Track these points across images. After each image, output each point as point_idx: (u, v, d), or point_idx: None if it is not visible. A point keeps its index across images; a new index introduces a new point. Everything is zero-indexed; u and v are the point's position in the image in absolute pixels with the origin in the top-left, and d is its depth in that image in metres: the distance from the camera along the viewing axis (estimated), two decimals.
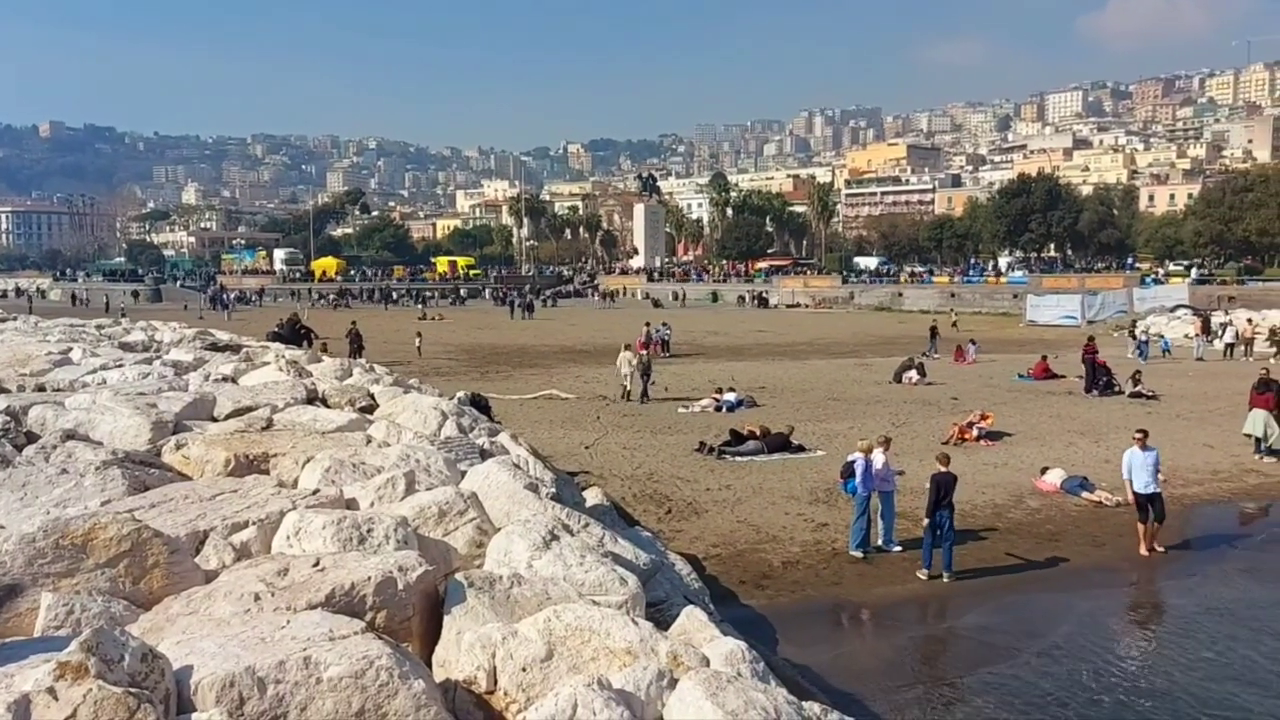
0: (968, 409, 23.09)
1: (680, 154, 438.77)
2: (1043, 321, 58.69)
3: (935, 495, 12.64)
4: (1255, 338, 40.21)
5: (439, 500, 7.20)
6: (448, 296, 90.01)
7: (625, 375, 26.63)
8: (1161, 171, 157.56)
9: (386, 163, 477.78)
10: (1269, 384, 20.11)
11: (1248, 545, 14.83)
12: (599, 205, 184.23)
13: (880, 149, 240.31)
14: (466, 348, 43.39)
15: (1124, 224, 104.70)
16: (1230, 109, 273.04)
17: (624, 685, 4.39)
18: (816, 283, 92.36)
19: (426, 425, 11.62)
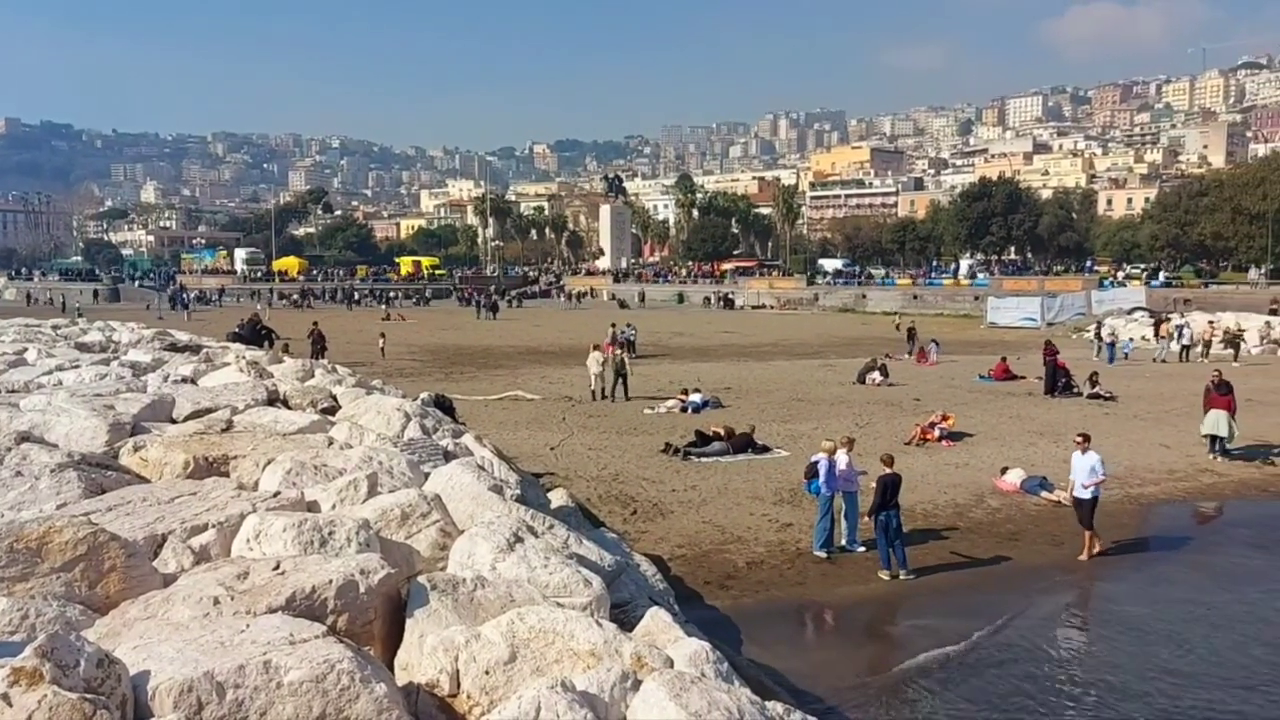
0: (930, 410, 23.30)
1: (646, 155, 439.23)
2: (1003, 323, 59.36)
3: (881, 496, 12.77)
4: (1214, 339, 40.84)
5: (402, 502, 7.15)
6: (412, 297, 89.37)
7: (595, 375, 26.74)
8: (1119, 176, 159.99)
9: (350, 162, 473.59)
10: (1229, 385, 20.47)
11: (1203, 544, 15.08)
12: (565, 206, 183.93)
13: (844, 152, 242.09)
14: (431, 348, 43.13)
15: (1083, 227, 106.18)
16: (1186, 115, 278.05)
17: (588, 687, 4.39)
18: (781, 284, 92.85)
19: (389, 427, 11.55)
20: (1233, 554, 14.42)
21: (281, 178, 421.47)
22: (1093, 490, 13.67)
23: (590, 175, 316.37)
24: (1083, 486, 13.74)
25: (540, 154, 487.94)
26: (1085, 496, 13.70)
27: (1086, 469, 13.77)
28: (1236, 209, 79.87)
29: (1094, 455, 13.89)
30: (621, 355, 28.74)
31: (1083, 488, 13.74)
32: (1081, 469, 13.84)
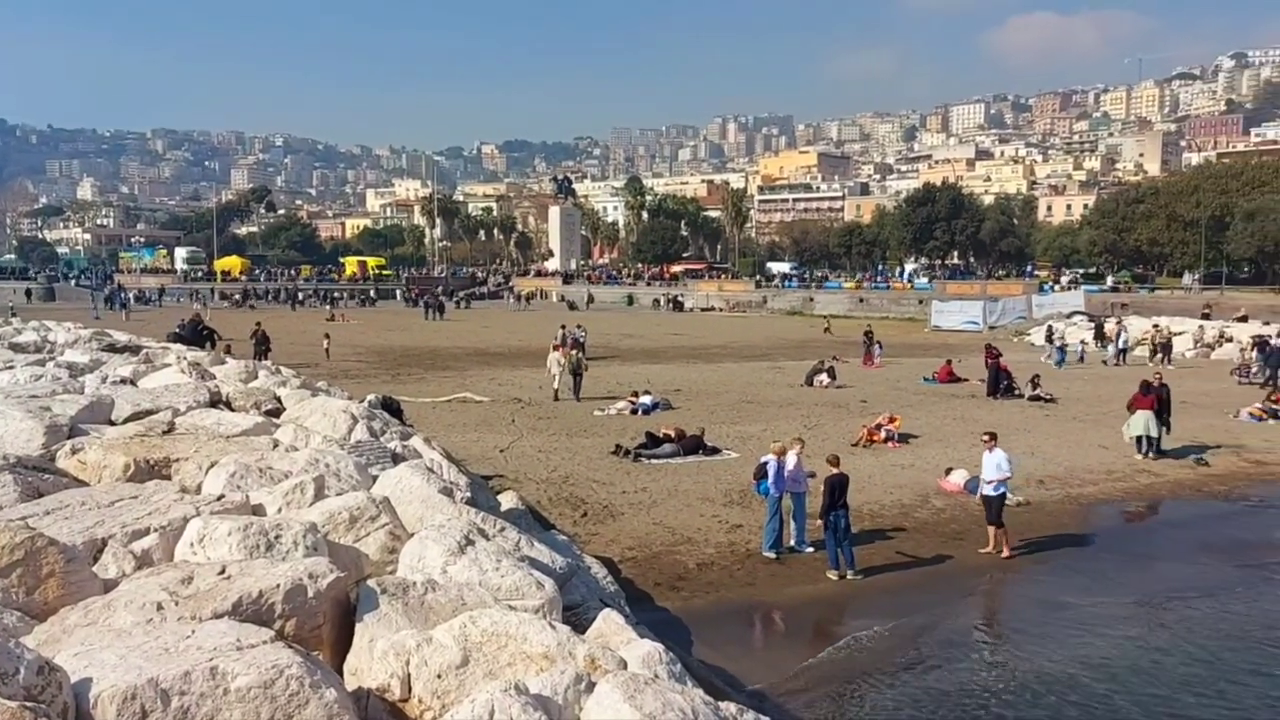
0: (876, 412, 23.58)
1: (596, 157, 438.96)
2: (947, 326, 60.31)
3: (830, 497, 12.91)
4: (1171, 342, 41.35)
5: (350, 505, 7.06)
6: (357, 297, 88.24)
7: (554, 375, 26.99)
8: (1059, 182, 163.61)
9: (294, 160, 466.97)
10: (1151, 386, 21.07)
11: (1140, 543, 15.46)
12: (514, 207, 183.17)
13: (792, 156, 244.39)
14: (377, 350, 42.65)
15: (1023, 233, 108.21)
16: (1123, 124, 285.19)
17: (541, 690, 4.37)
18: (730, 287, 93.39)
19: (336, 429, 11.39)
20: (1169, 553, 14.79)
21: (223, 176, 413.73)
22: (997, 487, 13.88)
23: (539, 176, 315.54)
24: (988, 484, 13.96)
25: (489, 154, 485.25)
26: (992, 494, 13.91)
27: (993, 467, 13.98)
28: (1171, 216, 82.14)
29: (1000, 454, 14.11)
30: (578, 355, 28.78)
31: (988, 485, 13.95)
32: (989, 467, 14.04)
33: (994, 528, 13.94)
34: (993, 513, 13.94)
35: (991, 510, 13.95)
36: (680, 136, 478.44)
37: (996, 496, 13.92)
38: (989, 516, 13.99)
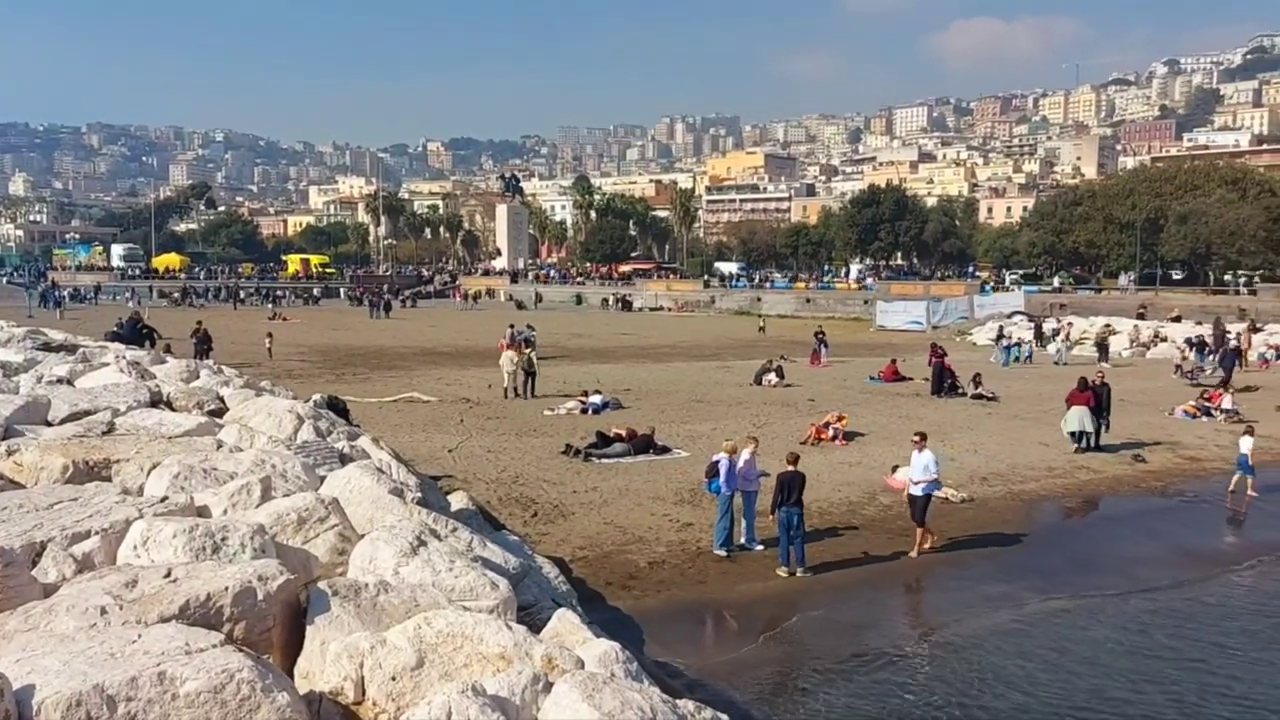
0: (824, 410, 23.82)
1: (543, 156, 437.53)
2: (891, 326, 61.12)
3: (779, 494, 13.05)
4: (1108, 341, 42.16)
5: (298, 506, 6.93)
6: (300, 296, 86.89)
7: (507, 374, 27.26)
8: (999, 185, 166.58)
9: (234, 156, 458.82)
10: (1087, 383, 21.60)
11: (1080, 538, 15.81)
12: (460, 205, 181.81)
13: (739, 157, 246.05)
14: (321, 349, 42.03)
15: (965, 234, 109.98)
16: (1061, 127, 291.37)
17: (499, 691, 4.33)
18: (679, 286, 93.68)
19: (281, 429, 11.19)
20: (1107, 548, 15.13)
21: (161, 171, 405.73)
22: (924, 488, 13.92)
23: (486, 174, 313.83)
24: (915, 484, 14.00)
25: (434, 151, 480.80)
26: (918, 494, 13.96)
27: (921, 467, 14.01)
28: (1108, 218, 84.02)
29: (929, 454, 14.14)
30: (530, 354, 28.86)
31: (915, 485, 13.99)
32: (917, 467, 14.08)
33: (920, 528, 13.97)
34: (918, 513, 13.97)
35: (917, 510, 13.98)
36: (628, 136, 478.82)
37: (923, 497, 13.96)
38: (914, 516, 14.02)
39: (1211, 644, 11.18)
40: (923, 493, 13.95)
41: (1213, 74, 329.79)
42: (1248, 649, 11.07)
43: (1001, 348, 40.59)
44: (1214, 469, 20.01)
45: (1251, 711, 9.47)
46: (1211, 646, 11.11)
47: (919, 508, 13.99)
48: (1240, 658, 10.79)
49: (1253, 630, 11.74)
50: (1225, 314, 52.13)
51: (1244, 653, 10.94)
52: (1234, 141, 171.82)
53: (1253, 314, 52.46)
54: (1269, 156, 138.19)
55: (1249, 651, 10.99)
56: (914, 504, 14.07)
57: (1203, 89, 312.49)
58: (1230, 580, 13.77)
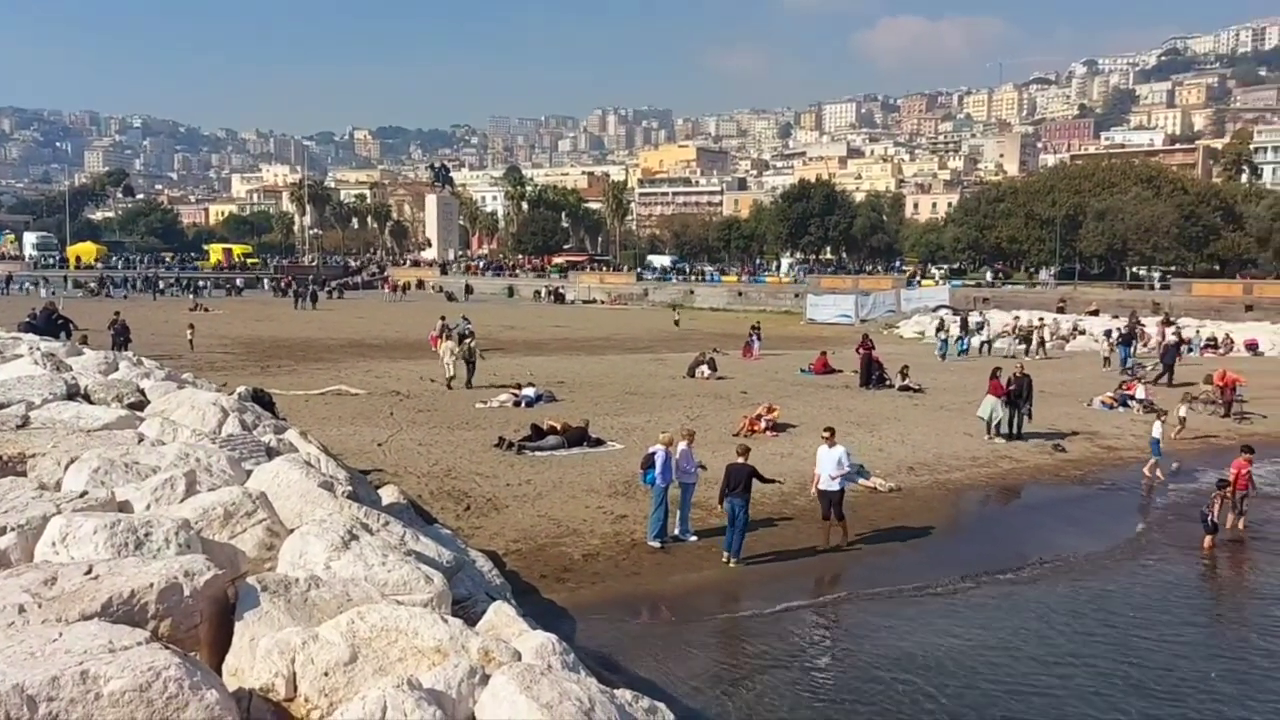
0: (756, 402, 24.03)
1: (474, 146, 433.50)
2: (821, 319, 61.89)
3: (724, 484, 13.17)
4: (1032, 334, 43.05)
5: (224, 501, 6.78)
6: (222, 286, 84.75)
7: (448, 364, 27.52)
8: (925, 181, 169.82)
9: (153, 142, 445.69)
10: (999, 373, 22.23)
11: (1004, 526, 16.21)
12: (388, 194, 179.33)
13: (672, 150, 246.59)
14: (245, 340, 41.07)
15: (892, 229, 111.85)
16: (985, 125, 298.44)
17: (435, 684, 4.28)
18: (612, 279, 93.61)
19: (205, 422, 10.93)
20: (1030, 535, 15.57)
21: (76, 158, 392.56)
22: (839, 482, 13.96)
23: (415, 164, 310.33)
24: (830, 478, 13.95)
25: (362, 140, 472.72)
26: (833, 488, 13.96)
27: (834, 461, 13.99)
28: (1029, 214, 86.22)
29: (840, 449, 14.19)
30: (471, 344, 28.97)
31: (830, 479, 13.95)
32: (829, 461, 14.00)
33: (828, 521, 13.99)
34: (831, 507, 13.95)
35: (829, 504, 13.95)
36: (560, 127, 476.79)
37: (837, 491, 13.99)
38: (825, 511, 13.98)
39: (1128, 623, 11.57)
40: (838, 487, 13.97)
41: (1129, 75, 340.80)
42: (1160, 627, 11.48)
43: (941, 340, 41.17)
44: (1130, 458, 20.70)
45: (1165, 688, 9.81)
46: (1129, 625, 11.49)
47: (833, 501, 13.94)
48: (1153, 634, 11.18)
49: (1162, 609, 12.18)
50: (1140, 308, 54.01)
51: (1157, 630, 11.34)
52: (1149, 141, 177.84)
53: (1166, 308, 54.41)
54: (1181, 156, 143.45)
55: (1161, 628, 11.40)
56: (824, 498, 13.97)
57: (1119, 89, 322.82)
58: (1142, 564, 14.25)
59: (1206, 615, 12.74)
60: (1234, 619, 12.65)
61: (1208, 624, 12.31)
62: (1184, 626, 11.75)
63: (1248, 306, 54.59)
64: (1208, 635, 11.74)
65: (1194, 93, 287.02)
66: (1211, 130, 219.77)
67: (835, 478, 13.97)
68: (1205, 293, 59.21)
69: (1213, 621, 12.52)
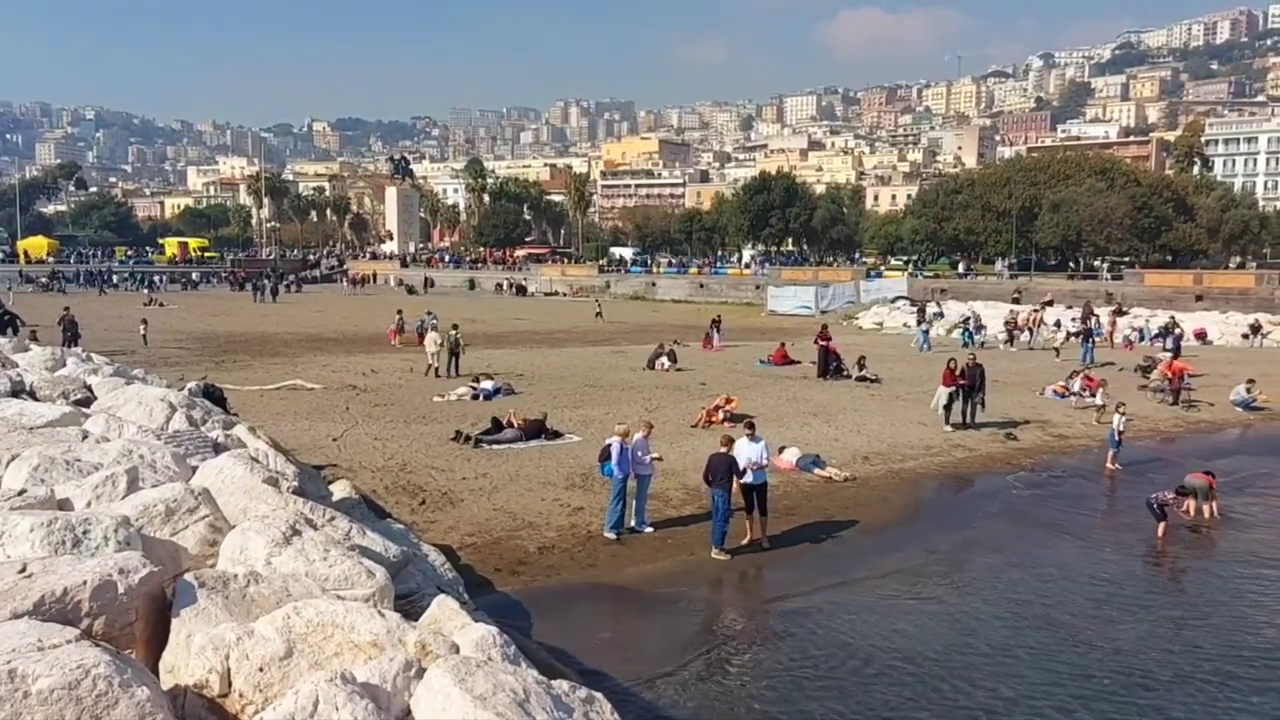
0: (715, 393, 24.14)
1: (435, 138, 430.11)
2: (782, 311, 62.18)
3: (706, 474, 13.35)
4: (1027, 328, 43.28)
5: (166, 497, 6.72)
6: (178, 281, 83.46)
7: (433, 354, 28.77)
8: (885, 173, 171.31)
9: (107, 135, 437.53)
10: (953, 363, 22.56)
11: (956, 514, 16.42)
12: (348, 187, 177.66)
13: (634, 142, 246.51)
14: (200, 335, 40.54)
15: (852, 221, 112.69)
16: (944, 118, 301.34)
17: (369, 678, 4.28)
18: (574, 271, 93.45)
19: (152, 418, 10.80)
20: (982, 523, 15.79)
21: (28, 150, 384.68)
22: (755, 475, 13.74)
23: (375, 156, 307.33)
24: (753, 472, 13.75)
25: (320, 132, 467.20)
26: (756, 482, 13.79)
27: (756, 454, 13.84)
28: (986, 206, 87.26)
29: (761, 443, 14.09)
30: (455, 335, 29.74)
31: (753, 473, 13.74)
32: (751, 455, 13.81)
33: (749, 517, 13.83)
34: (755, 501, 13.81)
35: (751, 499, 13.79)
36: (522, 119, 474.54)
37: (760, 485, 13.85)
38: (747, 505, 13.80)
39: (1080, 609, 11.80)
40: (761, 480, 13.84)
41: (1084, 68, 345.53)
42: (1111, 611, 11.72)
43: (921, 331, 41.33)
44: (1079, 446, 21.10)
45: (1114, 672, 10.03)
46: (1081, 611, 11.72)
47: (756, 495, 13.77)
48: (1105, 618, 11.42)
49: (1107, 594, 12.43)
50: (1094, 298, 54.86)
51: (1108, 614, 11.58)
52: (1104, 133, 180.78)
53: (1119, 298, 55.33)
54: (1135, 148, 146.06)
55: (1111, 612, 11.64)
56: (749, 492, 13.75)
57: (1075, 82, 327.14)
58: (1092, 551, 14.53)
59: (1151, 598, 12.99)
60: (1183, 602, 12.92)
61: (1153, 606, 12.56)
62: (1130, 606, 11.99)
63: (1198, 296, 55.65)
64: (1152, 616, 11.98)
65: (1147, 86, 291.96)
66: (1165, 123, 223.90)
67: (758, 468, 13.74)
68: (1157, 283, 60.23)
69: (1162, 604, 12.77)
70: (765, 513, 13.90)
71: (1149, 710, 9.16)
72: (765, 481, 14.05)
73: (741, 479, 13.56)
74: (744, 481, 13.68)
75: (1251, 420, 24.83)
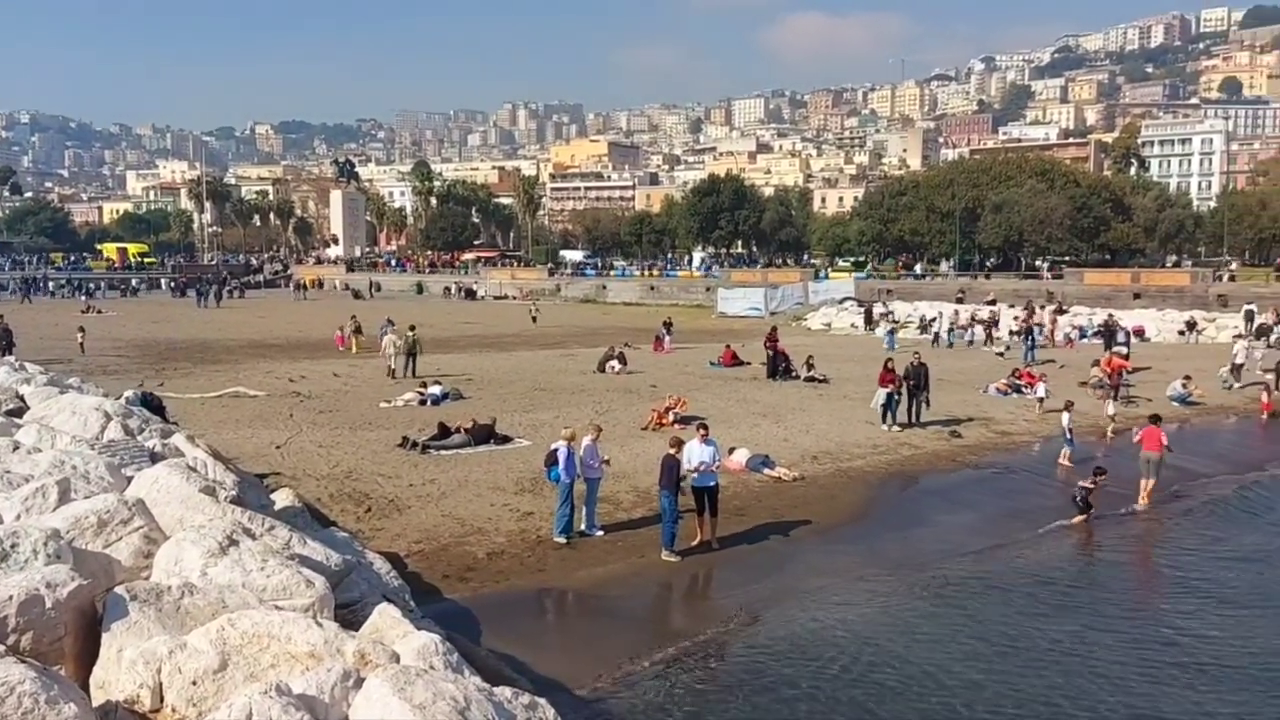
0: (665, 395, 24.15)
1: (380, 140, 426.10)
2: (732, 313, 62.46)
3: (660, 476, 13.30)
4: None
5: (98, 509, 6.55)
6: (117, 287, 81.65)
7: (390, 356, 29.39)
8: (831, 176, 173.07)
9: (42, 138, 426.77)
10: (888, 363, 22.86)
11: (902, 511, 16.60)
12: (292, 191, 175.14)
13: (583, 145, 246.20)
14: (139, 343, 39.65)
15: (800, 223, 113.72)
16: (889, 121, 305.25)
17: (306, 689, 4.21)
18: (524, 274, 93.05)
19: (87, 428, 10.54)
20: (928, 519, 16.00)
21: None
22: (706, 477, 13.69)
23: (319, 159, 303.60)
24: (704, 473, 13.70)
25: (263, 135, 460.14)
26: (707, 484, 13.73)
27: (709, 458, 13.83)
28: (930, 207, 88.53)
29: (713, 446, 14.07)
30: (414, 337, 30.39)
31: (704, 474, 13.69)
32: (703, 458, 13.78)
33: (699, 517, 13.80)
34: (712, 503, 13.79)
35: (703, 500, 13.76)
36: (469, 121, 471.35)
37: (712, 486, 13.84)
38: (698, 508, 13.76)
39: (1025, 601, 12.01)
40: (712, 482, 13.81)
41: (1025, 71, 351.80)
42: (1051, 604, 11.94)
43: (886, 331, 41.98)
44: (1022, 442, 21.46)
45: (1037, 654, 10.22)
46: (1025, 602, 11.93)
47: (710, 497, 13.75)
48: (1038, 606, 11.63)
49: (1046, 582, 12.68)
50: (1035, 298, 55.89)
51: (1049, 605, 11.80)
52: (1044, 135, 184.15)
53: (1059, 297, 56.42)
54: (1074, 150, 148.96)
55: (1052, 602, 11.86)
56: (700, 494, 13.70)
57: (1016, 85, 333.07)
58: (1037, 544, 14.78)
59: (1089, 586, 13.25)
60: (1119, 587, 13.20)
61: (1091, 594, 12.81)
62: (1067, 593, 12.23)
63: (1136, 294, 56.97)
64: (1090, 603, 12.22)
65: (1086, 89, 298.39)
66: (1102, 125, 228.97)
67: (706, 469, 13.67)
68: (1096, 282, 61.54)
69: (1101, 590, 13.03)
70: (716, 514, 13.92)
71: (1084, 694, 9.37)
72: (717, 483, 14.06)
73: (683, 480, 13.51)
74: (694, 484, 13.66)
75: (1188, 414, 25.45)
